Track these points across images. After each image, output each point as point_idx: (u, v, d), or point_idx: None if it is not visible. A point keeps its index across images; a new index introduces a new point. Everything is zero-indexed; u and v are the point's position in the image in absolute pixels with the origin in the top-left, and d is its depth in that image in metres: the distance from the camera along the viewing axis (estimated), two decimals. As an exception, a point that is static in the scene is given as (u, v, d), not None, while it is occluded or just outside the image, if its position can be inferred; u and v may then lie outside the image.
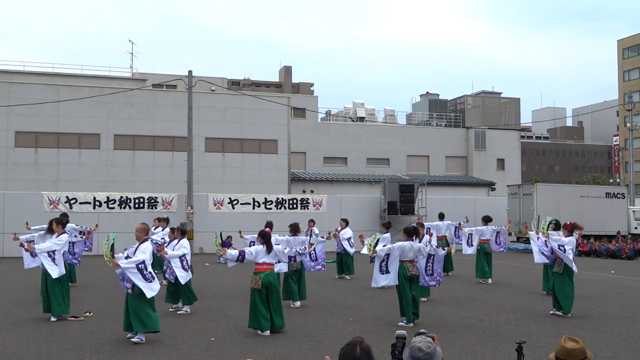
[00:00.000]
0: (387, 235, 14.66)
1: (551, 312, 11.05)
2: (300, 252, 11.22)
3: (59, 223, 10.97)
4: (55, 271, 10.23)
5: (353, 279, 16.78)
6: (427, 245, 10.56)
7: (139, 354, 7.97)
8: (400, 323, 9.91)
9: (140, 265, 8.53)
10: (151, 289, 8.61)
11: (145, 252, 8.73)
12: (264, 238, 9.48)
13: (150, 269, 8.69)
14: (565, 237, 11.11)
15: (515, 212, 28.41)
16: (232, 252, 9.40)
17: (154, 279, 8.69)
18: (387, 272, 10.01)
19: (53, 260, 10.29)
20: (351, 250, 17.03)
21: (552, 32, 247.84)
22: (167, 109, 33.13)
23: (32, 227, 14.11)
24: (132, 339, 8.67)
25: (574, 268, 11.00)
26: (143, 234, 9.02)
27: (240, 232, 14.99)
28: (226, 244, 20.58)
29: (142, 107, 33.19)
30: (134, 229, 9.20)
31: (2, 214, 23.98)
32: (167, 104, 33.37)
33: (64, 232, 10.94)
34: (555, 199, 28.08)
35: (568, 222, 11.59)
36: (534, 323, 10.20)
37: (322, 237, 14.28)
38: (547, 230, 11.19)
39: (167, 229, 14.82)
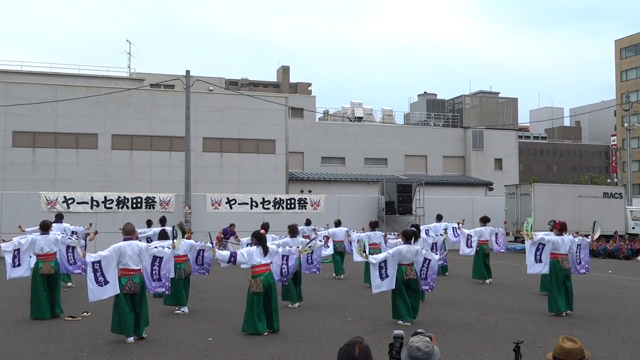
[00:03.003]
0: (377, 233, 14.68)
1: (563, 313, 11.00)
2: (293, 251, 11.17)
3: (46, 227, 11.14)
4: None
5: (349, 278, 16.77)
6: (423, 249, 10.59)
7: (136, 354, 7.97)
8: (399, 322, 9.91)
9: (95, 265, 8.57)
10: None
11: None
12: (260, 240, 9.46)
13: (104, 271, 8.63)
14: (556, 236, 11.17)
15: (513, 212, 28.42)
16: (223, 253, 9.35)
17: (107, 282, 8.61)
18: (387, 276, 9.97)
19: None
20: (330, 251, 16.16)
21: (550, 32, 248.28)
22: (165, 109, 33.08)
23: (26, 229, 14.07)
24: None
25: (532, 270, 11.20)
26: (124, 234, 9.01)
27: (236, 235, 14.97)
28: (228, 232, 20.52)
29: (140, 107, 33.14)
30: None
31: (0, 214, 23.95)
32: (165, 104, 33.31)
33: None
34: (552, 199, 28.11)
35: (557, 222, 11.59)
36: (531, 323, 10.21)
37: (322, 241, 14.16)
38: (531, 231, 11.16)
39: (156, 229, 14.91)
